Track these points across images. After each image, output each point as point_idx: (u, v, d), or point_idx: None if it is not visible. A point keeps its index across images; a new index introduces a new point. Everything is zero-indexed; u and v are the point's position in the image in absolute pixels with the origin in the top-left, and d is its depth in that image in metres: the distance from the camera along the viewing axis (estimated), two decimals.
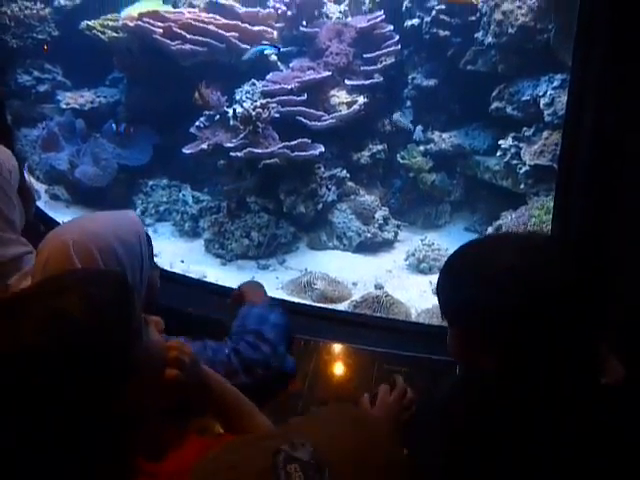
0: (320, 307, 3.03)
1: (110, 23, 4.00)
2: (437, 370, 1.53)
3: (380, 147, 3.82)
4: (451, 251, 1.21)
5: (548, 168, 3.19)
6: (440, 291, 1.17)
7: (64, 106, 4.33)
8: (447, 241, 3.70)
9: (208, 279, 3.41)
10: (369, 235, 3.63)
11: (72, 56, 4.38)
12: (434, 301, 3.15)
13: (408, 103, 3.87)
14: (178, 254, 3.72)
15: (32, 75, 4.45)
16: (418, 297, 3.23)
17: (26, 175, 1.67)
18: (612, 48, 1.20)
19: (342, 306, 3.11)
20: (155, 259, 4.01)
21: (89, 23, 4.07)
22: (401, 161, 3.82)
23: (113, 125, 4.19)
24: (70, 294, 0.87)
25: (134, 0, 4.30)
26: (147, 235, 1.32)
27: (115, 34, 3.99)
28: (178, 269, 3.47)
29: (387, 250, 3.70)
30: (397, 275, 3.45)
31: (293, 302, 3.07)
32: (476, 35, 3.57)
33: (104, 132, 4.20)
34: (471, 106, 3.75)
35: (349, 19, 3.91)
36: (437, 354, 1.59)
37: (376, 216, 3.71)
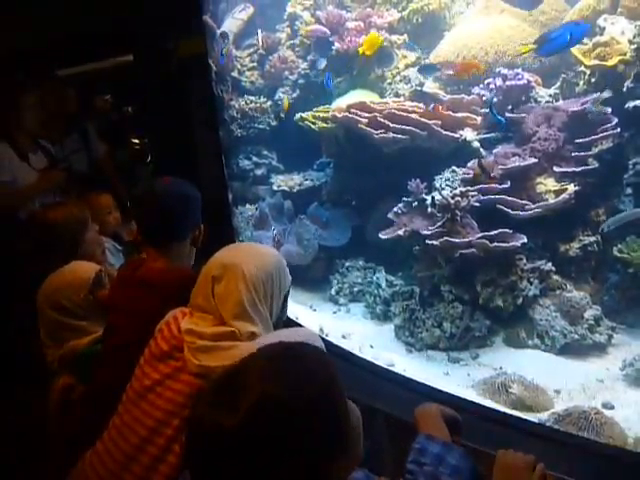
0: (514, 416, 2.75)
1: (321, 115, 4.31)
2: None
3: (592, 238, 3.44)
4: None
5: None
6: None
7: (275, 188, 4.74)
8: None
9: (395, 368, 3.34)
10: (576, 336, 3.24)
11: (286, 143, 4.83)
12: None
13: (628, 190, 3.45)
14: (368, 337, 3.73)
15: (251, 160, 4.98)
16: (638, 418, 2.75)
17: None
18: None
19: (540, 417, 2.77)
20: (346, 340, 4.02)
21: (302, 115, 4.44)
22: (618, 255, 3.39)
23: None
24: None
25: (346, 92, 4.62)
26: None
27: (325, 124, 4.28)
28: (367, 354, 3.46)
29: (598, 356, 3.24)
30: (610, 387, 2.99)
31: (484, 406, 2.85)
32: None
33: (309, 213, 4.48)
34: None
35: (559, 103, 3.69)
36: None
37: (585, 315, 3.30)
